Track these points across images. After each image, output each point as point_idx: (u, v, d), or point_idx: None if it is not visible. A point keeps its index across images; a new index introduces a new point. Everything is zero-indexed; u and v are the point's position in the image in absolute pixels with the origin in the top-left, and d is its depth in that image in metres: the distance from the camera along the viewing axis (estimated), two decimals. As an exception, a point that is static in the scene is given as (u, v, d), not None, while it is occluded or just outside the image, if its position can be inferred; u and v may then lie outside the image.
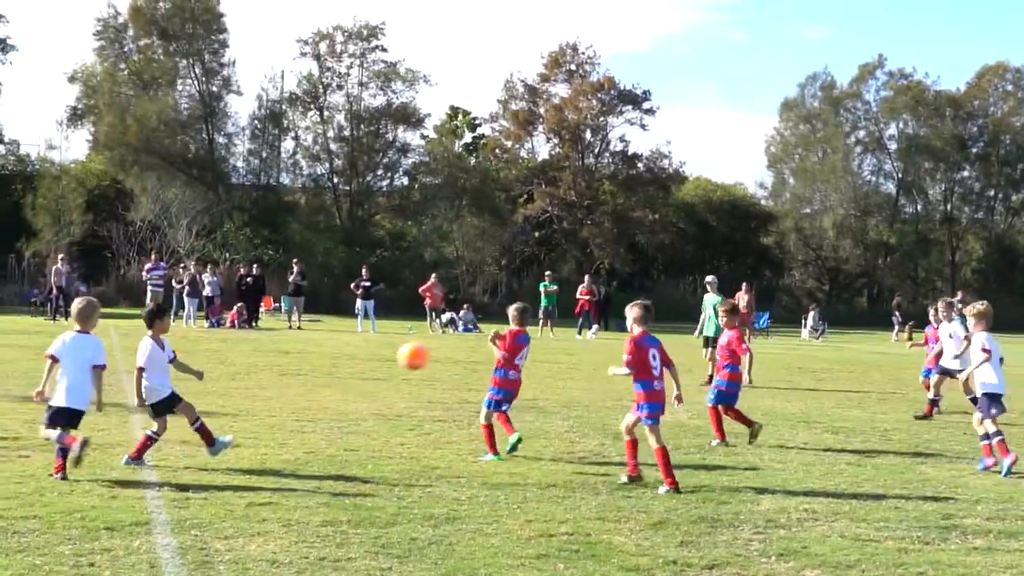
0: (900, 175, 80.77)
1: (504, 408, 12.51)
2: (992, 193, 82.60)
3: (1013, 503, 10.73)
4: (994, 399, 12.83)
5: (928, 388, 18.50)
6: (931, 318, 20.26)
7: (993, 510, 10.34)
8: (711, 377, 18.04)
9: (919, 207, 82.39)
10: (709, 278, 24.59)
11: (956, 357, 17.28)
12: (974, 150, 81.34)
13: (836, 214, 78.16)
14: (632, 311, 11.37)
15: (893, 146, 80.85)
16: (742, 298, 39.78)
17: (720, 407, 14.24)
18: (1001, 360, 13.12)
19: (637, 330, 11.26)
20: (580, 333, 38.85)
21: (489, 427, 12.39)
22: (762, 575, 7.92)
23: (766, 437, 14.72)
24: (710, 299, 23.32)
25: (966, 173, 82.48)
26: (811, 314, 47.24)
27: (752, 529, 9.25)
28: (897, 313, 49.45)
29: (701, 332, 23.65)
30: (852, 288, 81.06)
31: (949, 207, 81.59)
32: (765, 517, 9.70)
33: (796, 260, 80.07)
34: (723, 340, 14.79)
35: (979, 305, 13.54)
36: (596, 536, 8.86)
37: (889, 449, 14.12)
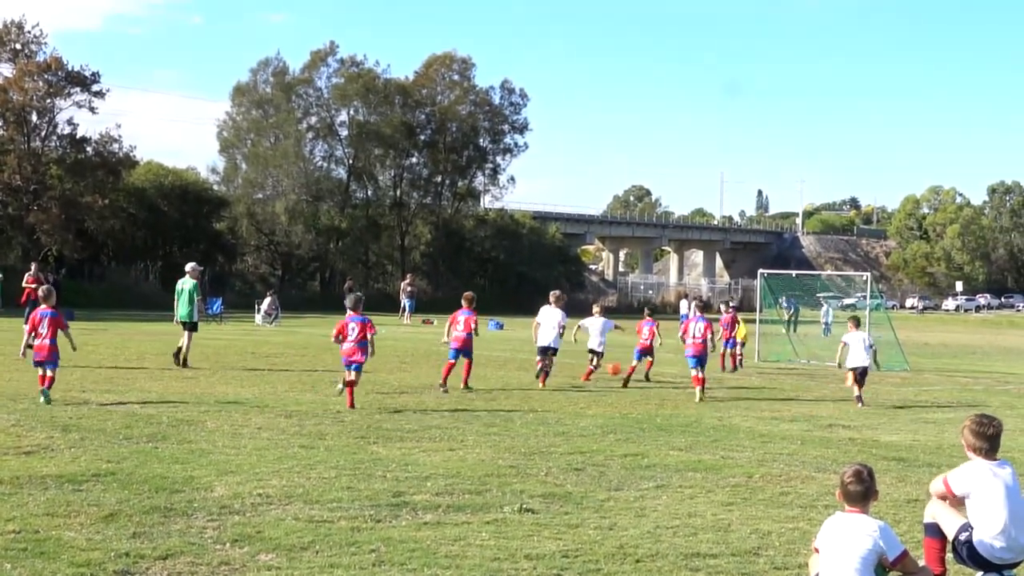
0: (351, 161, 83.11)
1: None
2: (439, 179, 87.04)
3: (460, 478, 11.38)
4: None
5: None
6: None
7: (441, 485, 10.91)
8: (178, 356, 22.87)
9: (370, 192, 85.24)
10: (189, 265, 25.37)
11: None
12: (422, 137, 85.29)
13: (288, 199, 79.11)
14: None
15: (344, 132, 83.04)
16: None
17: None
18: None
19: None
20: (27, 322, 36.70)
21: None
22: (216, 562, 7.89)
23: (220, 423, 14.71)
24: (187, 284, 24.46)
25: (415, 159, 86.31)
26: (267, 299, 47.54)
27: (206, 517, 9.20)
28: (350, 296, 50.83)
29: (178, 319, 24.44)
30: (305, 272, 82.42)
31: (399, 192, 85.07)
32: (219, 504, 9.68)
33: (249, 245, 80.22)
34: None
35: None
36: (45, 533, 8.48)
37: (342, 431, 14.52)
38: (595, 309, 25.76)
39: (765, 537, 9.27)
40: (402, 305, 54.21)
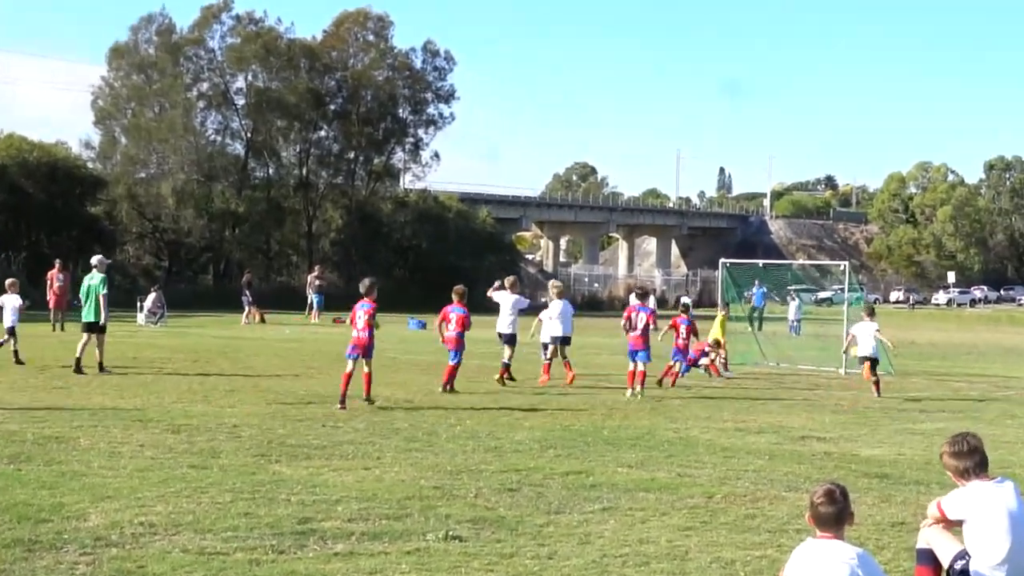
0: (249, 134, 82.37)
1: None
2: (352, 155, 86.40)
3: (377, 501, 11.37)
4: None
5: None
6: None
7: (355, 510, 10.92)
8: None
9: (271, 171, 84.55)
10: (95, 259, 25.50)
11: None
12: (332, 107, 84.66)
13: (176, 179, 78.28)
14: None
15: (241, 101, 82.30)
16: (57, 277, 39.16)
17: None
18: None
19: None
20: None
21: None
22: (90, 603, 7.85)
23: (95, 440, 14.57)
24: (93, 279, 24.65)
25: (323, 133, 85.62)
26: (151, 295, 47.17)
27: (79, 550, 9.12)
28: (247, 292, 50.60)
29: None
30: (196, 264, 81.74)
31: (305, 171, 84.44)
32: (94, 535, 9.61)
33: (130, 233, 79.33)
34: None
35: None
36: None
37: (239, 447, 14.46)
38: (553, 291, 26.89)
39: (728, 566, 9.35)
40: (309, 301, 53.99)
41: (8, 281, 26.67)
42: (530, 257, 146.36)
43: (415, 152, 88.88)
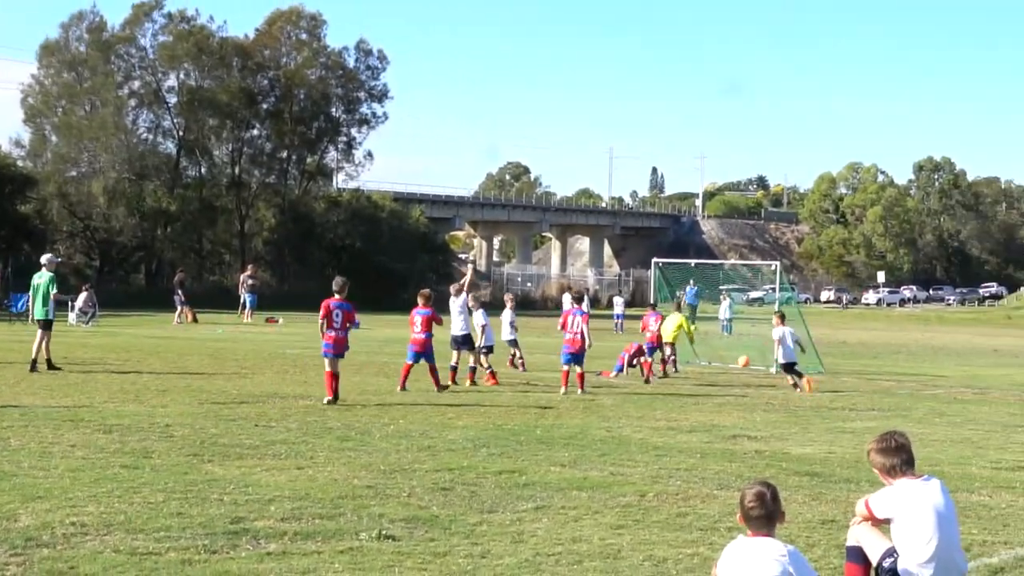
0: (181, 133, 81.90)
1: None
2: (285, 155, 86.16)
3: (310, 500, 11.35)
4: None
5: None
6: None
7: (288, 509, 10.89)
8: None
9: (203, 170, 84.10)
10: (45, 257, 26.73)
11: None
12: (264, 106, 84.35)
13: (107, 177, 77.64)
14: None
15: (173, 99, 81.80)
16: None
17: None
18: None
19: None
20: None
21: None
22: (21, 604, 7.79)
23: (26, 440, 14.45)
24: (43, 277, 25.32)
25: (256, 132, 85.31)
26: (82, 295, 46.77)
27: (9, 551, 9.05)
28: (179, 292, 50.28)
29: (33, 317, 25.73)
30: (127, 263, 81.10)
31: (237, 170, 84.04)
32: (24, 535, 9.53)
33: (61, 232, 78.63)
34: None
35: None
36: None
37: (171, 447, 14.38)
38: (507, 299, 29.88)
39: (660, 564, 9.40)
40: (242, 300, 53.72)
41: None
42: (463, 256, 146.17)
43: (348, 151, 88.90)
